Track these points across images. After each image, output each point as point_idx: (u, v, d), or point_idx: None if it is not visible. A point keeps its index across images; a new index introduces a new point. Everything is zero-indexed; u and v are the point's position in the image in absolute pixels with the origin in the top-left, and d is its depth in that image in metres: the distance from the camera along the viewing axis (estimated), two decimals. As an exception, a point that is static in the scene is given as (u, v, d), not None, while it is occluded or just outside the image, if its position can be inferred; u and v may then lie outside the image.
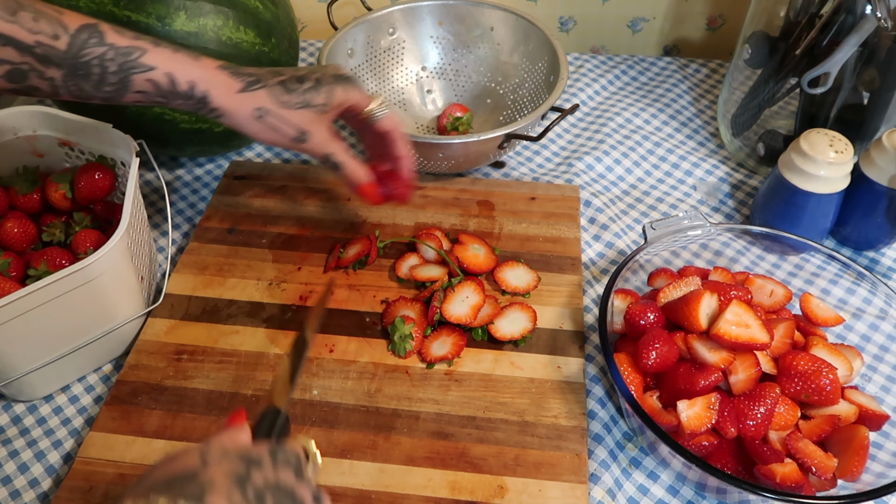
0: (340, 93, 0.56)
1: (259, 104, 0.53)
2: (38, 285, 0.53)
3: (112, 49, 0.48)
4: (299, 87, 0.54)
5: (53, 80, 0.47)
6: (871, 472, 0.51)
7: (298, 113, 0.54)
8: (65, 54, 0.47)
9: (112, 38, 0.48)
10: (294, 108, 0.54)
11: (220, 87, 0.52)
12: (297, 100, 0.54)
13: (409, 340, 0.62)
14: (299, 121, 0.54)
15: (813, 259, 0.65)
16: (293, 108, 0.54)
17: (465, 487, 0.54)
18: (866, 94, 0.73)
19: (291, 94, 0.54)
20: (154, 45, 0.50)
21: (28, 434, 0.60)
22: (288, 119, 0.54)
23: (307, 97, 0.54)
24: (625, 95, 0.94)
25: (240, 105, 0.52)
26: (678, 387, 0.53)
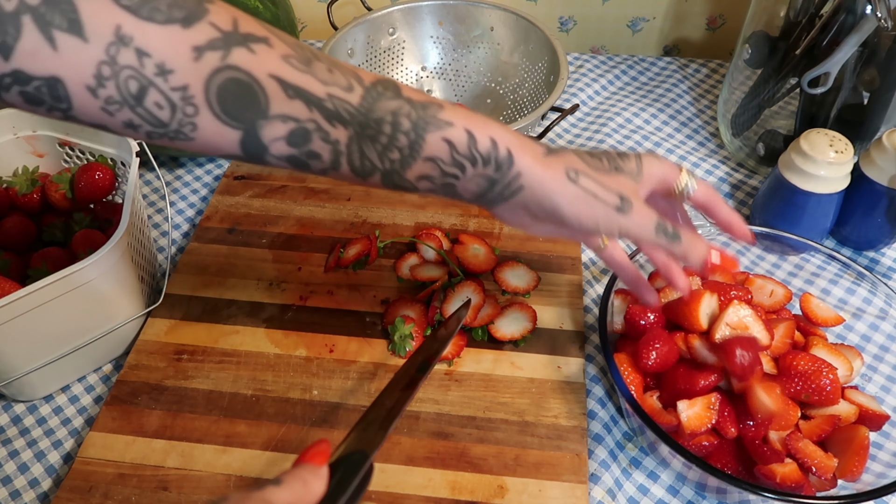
0: (654, 162, 0.47)
1: (571, 165, 0.43)
2: (38, 285, 0.53)
3: (408, 104, 0.41)
4: (603, 156, 0.46)
5: (337, 143, 0.40)
6: (871, 472, 0.51)
7: (615, 177, 0.44)
8: (356, 109, 0.39)
9: (408, 92, 0.41)
10: (608, 172, 0.44)
11: (524, 147, 0.43)
12: (606, 165, 0.45)
13: (409, 340, 0.62)
14: (618, 185, 0.44)
15: (813, 259, 0.65)
16: (607, 171, 0.44)
17: (465, 487, 0.54)
18: (866, 94, 0.73)
19: (599, 159, 0.45)
20: (448, 103, 0.42)
21: (28, 434, 0.60)
22: (606, 182, 0.44)
23: (617, 163, 0.45)
24: (625, 95, 0.94)
25: (548, 166, 0.43)
26: (678, 387, 0.53)
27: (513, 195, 0.44)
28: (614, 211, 0.43)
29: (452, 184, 0.43)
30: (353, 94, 0.39)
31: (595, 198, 0.43)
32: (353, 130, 0.40)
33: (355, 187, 0.78)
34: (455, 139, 0.41)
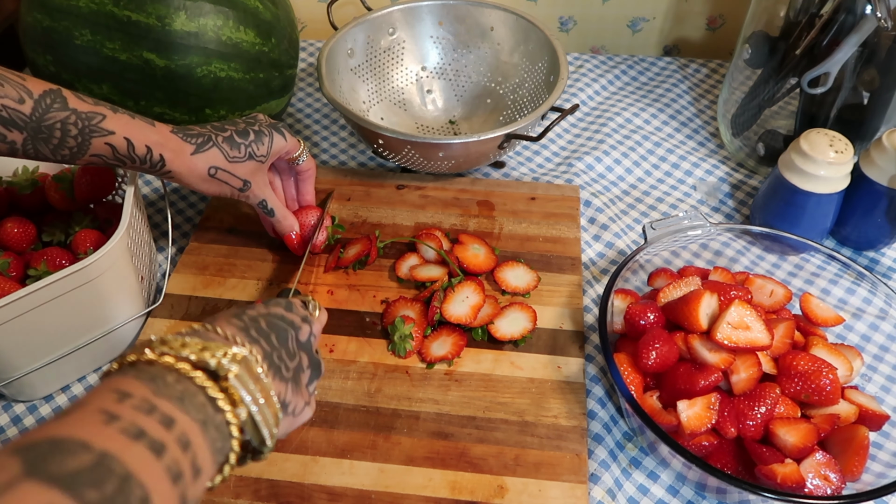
0: (279, 142, 0.62)
1: (213, 163, 0.57)
2: (38, 285, 0.53)
3: (74, 114, 0.50)
4: (244, 141, 0.59)
5: (14, 143, 0.49)
6: (871, 472, 0.51)
7: (244, 165, 0.59)
8: (28, 118, 0.48)
9: (74, 103, 0.50)
10: (241, 162, 0.59)
11: (175, 151, 0.55)
12: (243, 152, 0.59)
13: (409, 340, 0.62)
14: (244, 172, 0.60)
15: (813, 259, 0.65)
16: (240, 161, 0.59)
17: (465, 487, 0.54)
18: (866, 94, 0.73)
19: (238, 148, 0.58)
20: (113, 112, 0.52)
21: (28, 434, 0.60)
22: (235, 172, 0.59)
23: (252, 149, 0.59)
24: (625, 95, 0.94)
25: (194, 166, 0.56)
26: (678, 387, 0.53)
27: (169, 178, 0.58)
28: (237, 190, 0.61)
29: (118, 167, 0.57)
30: (25, 105, 0.48)
31: (226, 184, 0.60)
32: (27, 134, 0.49)
33: (355, 187, 0.78)
34: (116, 144, 0.52)
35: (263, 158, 0.61)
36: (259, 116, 0.63)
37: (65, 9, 0.67)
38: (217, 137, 0.58)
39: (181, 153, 0.55)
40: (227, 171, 0.58)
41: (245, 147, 0.59)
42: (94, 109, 0.51)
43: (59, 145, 0.50)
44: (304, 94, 0.96)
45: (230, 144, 0.58)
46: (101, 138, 0.51)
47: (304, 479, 0.55)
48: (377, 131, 0.71)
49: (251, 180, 0.61)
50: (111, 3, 0.66)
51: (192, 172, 0.57)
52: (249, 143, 0.59)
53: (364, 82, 0.86)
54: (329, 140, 0.89)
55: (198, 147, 0.56)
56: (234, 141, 0.58)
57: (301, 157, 0.66)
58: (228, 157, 0.58)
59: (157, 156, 0.54)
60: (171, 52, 0.68)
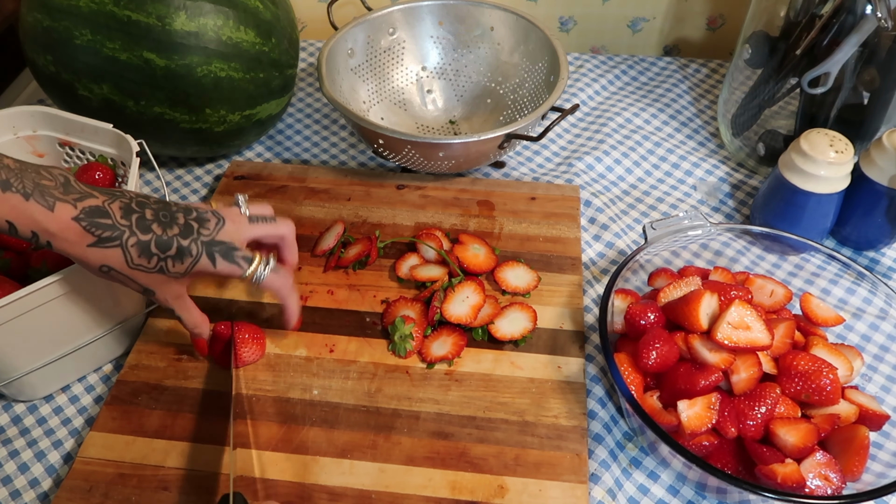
0: (205, 265, 0.52)
1: (108, 262, 0.49)
2: (38, 285, 0.53)
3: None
4: (160, 253, 0.50)
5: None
6: (872, 472, 0.51)
7: (149, 276, 0.51)
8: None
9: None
10: (145, 272, 0.50)
11: (67, 241, 0.48)
12: (152, 265, 0.50)
13: (409, 340, 0.62)
14: (147, 281, 0.51)
15: (813, 259, 0.65)
16: (145, 271, 0.50)
17: (466, 487, 0.54)
18: (866, 94, 0.73)
19: (149, 258, 0.50)
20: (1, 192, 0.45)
21: (28, 434, 0.60)
22: (135, 278, 0.51)
23: (165, 264, 0.51)
24: (625, 95, 0.94)
25: (87, 258, 0.49)
26: (678, 387, 0.53)
27: None
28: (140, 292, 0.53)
29: None
30: None
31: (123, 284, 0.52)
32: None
33: (355, 187, 0.78)
34: None
35: (178, 275, 0.52)
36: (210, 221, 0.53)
37: (65, 9, 0.67)
38: (128, 239, 0.49)
39: (76, 244, 0.48)
40: (124, 275, 0.50)
41: (158, 259, 0.50)
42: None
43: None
44: (304, 94, 0.96)
45: (140, 250, 0.49)
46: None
47: (304, 479, 0.55)
48: (377, 131, 0.71)
49: (156, 290, 0.52)
50: (111, 2, 0.66)
51: (85, 263, 0.50)
52: (166, 256, 0.50)
53: (364, 82, 0.86)
54: (329, 140, 0.89)
55: (99, 241, 0.48)
56: (149, 250, 0.50)
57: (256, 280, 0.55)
58: (131, 264, 0.50)
59: (45, 241, 0.48)
60: (171, 52, 0.68)
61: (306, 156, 0.86)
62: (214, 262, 0.52)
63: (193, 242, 0.51)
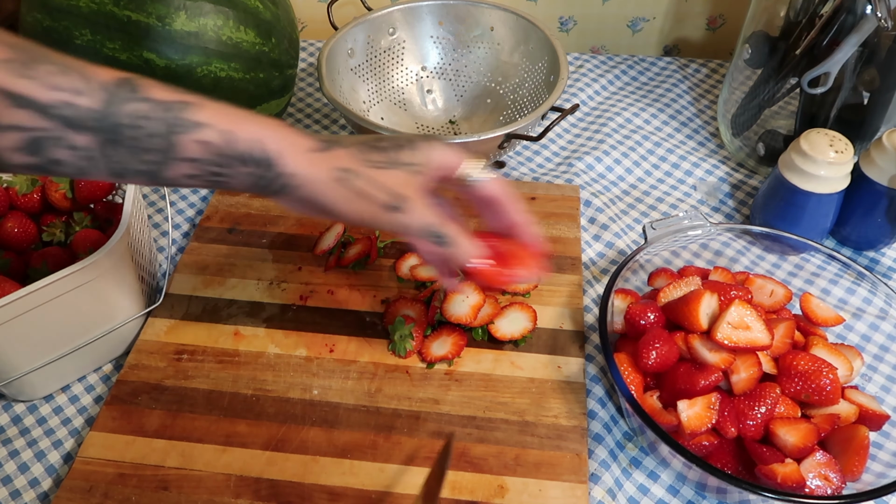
0: (437, 153, 0.45)
1: (343, 164, 0.42)
2: (38, 285, 0.53)
3: (152, 104, 0.38)
4: (384, 145, 0.44)
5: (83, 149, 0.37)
6: (872, 472, 0.51)
7: (390, 173, 0.43)
8: (97, 114, 0.37)
9: (152, 90, 0.38)
10: (383, 168, 0.43)
11: (291, 146, 0.41)
12: (384, 158, 0.43)
13: (409, 340, 0.62)
14: (393, 183, 0.43)
15: (813, 259, 0.65)
16: (383, 167, 0.43)
17: (466, 487, 0.54)
18: (866, 94, 0.73)
19: (378, 152, 0.43)
20: (206, 100, 0.40)
21: (28, 434, 0.60)
22: (378, 180, 0.42)
23: (398, 156, 0.43)
24: (625, 95, 0.94)
25: (317, 167, 0.41)
26: (678, 387, 0.53)
27: (283, 192, 0.42)
28: (383, 209, 0.43)
29: (219, 181, 0.41)
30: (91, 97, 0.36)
31: (365, 197, 0.43)
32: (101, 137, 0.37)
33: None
34: (211, 140, 0.39)
35: (416, 168, 0.44)
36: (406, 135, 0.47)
37: (65, 9, 0.67)
38: (347, 140, 0.44)
39: (300, 150, 0.41)
40: (365, 178, 0.42)
41: (387, 152, 0.43)
42: (179, 99, 0.39)
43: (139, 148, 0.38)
44: (304, 94, 0.96)
45: (368, 146, 0.43)
46: (190, 134, 0.39)
47: (304, 478, 0.55)
48: (377, 131, 0.71)
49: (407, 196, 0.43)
50: (111, 3, 0.66)
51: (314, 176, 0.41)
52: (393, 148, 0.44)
53: (364, 82, 0.86)
54: (329, 140, 0.88)
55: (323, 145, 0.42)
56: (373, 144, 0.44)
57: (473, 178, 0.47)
58: (365, 160, 0.42)
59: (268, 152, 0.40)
60: (171, 52, 0.68)
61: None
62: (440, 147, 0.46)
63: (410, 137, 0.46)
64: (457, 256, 0.47)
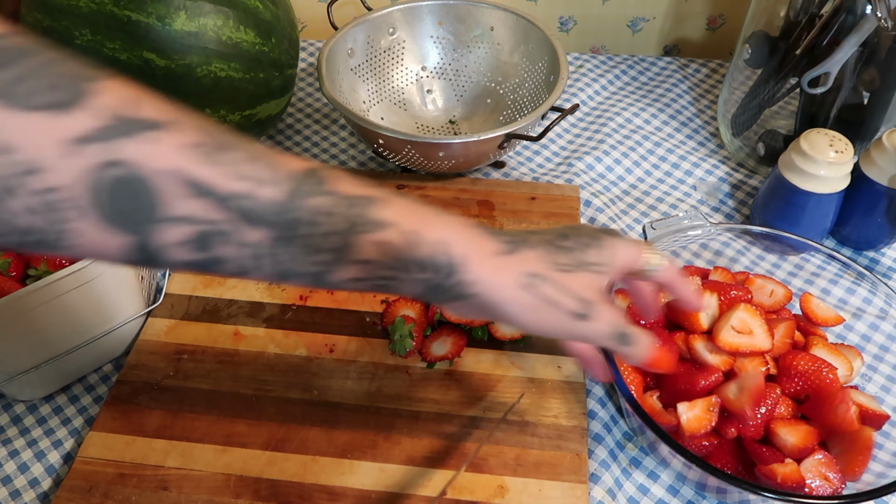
0: (622, 250, 0.41)
1: (530, 268, 0.37)
2: (38, 285, 0.53)
3: (336, 198, 0.33)
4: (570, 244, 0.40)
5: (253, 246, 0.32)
6: (872, 472, 0.51)
7: (577, 277, 0.39)
8: (279, 207, 0.32)
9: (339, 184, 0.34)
10: (571, 271, 0.39)
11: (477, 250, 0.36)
12: (572, 260, 0.39)
13: (409, 340, 0.62)
14: (580, 287, 0.39)
15: (813, 259, 0.65)
16: (571, 270, 0.39)
17: (466, 487, 0.54)
18: (866, 94, 0.73)
19: (565, 253, 0.39)
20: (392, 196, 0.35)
21: (28, 434, 0.60)
22: (566, 285, 0.38)
23: (585, 257, 0.39)
24: (625, 95, 0.94)
25: (501, 272, 0.37)
26: (678, 387, 0.53)
27: (459, 299, 0.37)
28: (572, 318, 0.39)
29: (388, 285, 0.36)
30: (276, 188, 0.32)
31: (553, 306, 0.38)
32: (276, 231, 0.32)
33: (355, 187, 0.78)
34: (392, 241, 0.34)
35: (602, 269, 0.40)
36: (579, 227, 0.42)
37: (65, 9, 0.67)
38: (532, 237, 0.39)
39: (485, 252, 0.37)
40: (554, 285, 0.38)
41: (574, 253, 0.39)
42: (365, 193, 0.34)
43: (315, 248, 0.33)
44: (304, 94, 0.96)
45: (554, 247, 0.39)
46: (371, 234, 0.34)
47: (304, 478, 0.55)
48: (377, 131, 0.71)
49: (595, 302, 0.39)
50: (111, 3, 0.66)
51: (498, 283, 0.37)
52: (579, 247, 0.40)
53: (364, 82, 0.86)
54: (329, 140, 0.89)
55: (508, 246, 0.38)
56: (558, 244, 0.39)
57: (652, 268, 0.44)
58: (554, 263, 0.38)
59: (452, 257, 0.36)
60: (171, 52, 0.68)
61: (306, 156, 0.86)
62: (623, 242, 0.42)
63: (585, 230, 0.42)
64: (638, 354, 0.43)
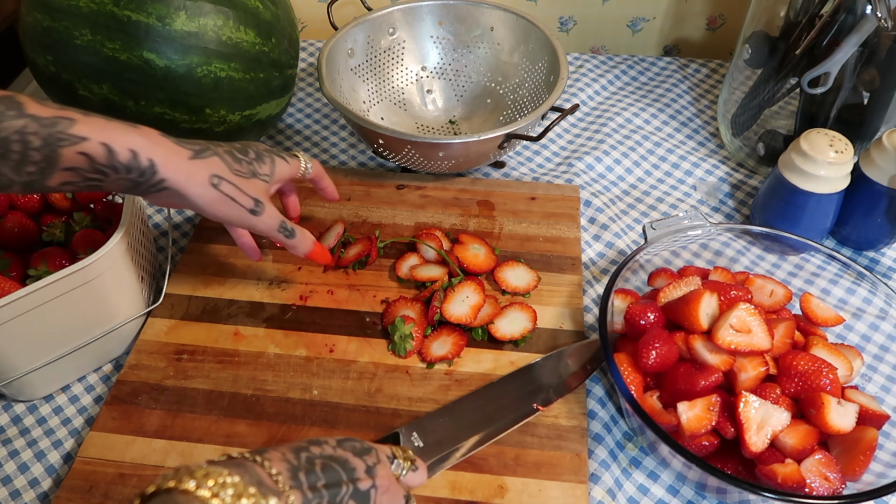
0: (282, 166, 0.57)
1: (215, 171, 0.49)
2: (38, 285, 0.53)
3: (34, 120, 0.42)
4: (245, 157, 0.53)
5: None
6: (872, 472, 0.51)
7: (252, 182, 0.52)
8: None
9: (33, 108, 0.42)
10: (246, 178, 0.52)
11: (168, 155, 0.47)
12: (246, 169, 0.52)
13: (409, 340, 0.62)
14: (254, 190, 0.52)
15: (813, 259, 0.65)
16: (245, 177, 0.52)
17: (465, 487, 0.54)
18: (866, 94, 0.73)
19: (241, 163, 0.52)
20: (84, 115, 0.44)
21: (28, 434, 0.60)
22: (244, 187, 0.51)
23: (254, 167, 0.53)
24: (625, 95, 0.94)
25: (193, 173, 0.48)
26: (678, 387, 0.53)
27: (157, 192, 0.48)
28: (248, 212, 0.52)
29: (96, 185, 0.46)
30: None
31: (233, 201, 0.51)
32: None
33: (355, 187, 0.78)
34: (92, 152, 0.44)
35: (267, 178, 0.54)
36: (253, 144, 0.57)
37: (65, 9, 0.67)
38: (218, 148, 0.51)
39: (175, 157, 0.47)
40: (234, 185, 0.50)
41: (247, 164, 0.52)
42: (58, 114, 0.43)
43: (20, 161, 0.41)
44: (304, 94, 0.96)
45: (232, 157, 0.51)
46: (72, 147, 0.43)
47: (304, 479, 0.55)
48: (377, 131, 0.71)
49: (263, 202, 0.53)
50: (111, 3, 0.66)
51: (190, 180, 0.48)
52: (251, 160, 0.53)
53: (364, 82, 0.86)
54: (329, 140, 0.89)
55: (196, 153, 0.48)
56: (235, 155, 0.51)
57: (307, 170, 0.61)
58: (233, 170, 0.50)
59: (146, 160, 0.45)
60: (171, 52, 0.68)
61: (307, 156, 0.86)
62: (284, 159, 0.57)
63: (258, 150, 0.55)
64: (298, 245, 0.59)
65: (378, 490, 0.40)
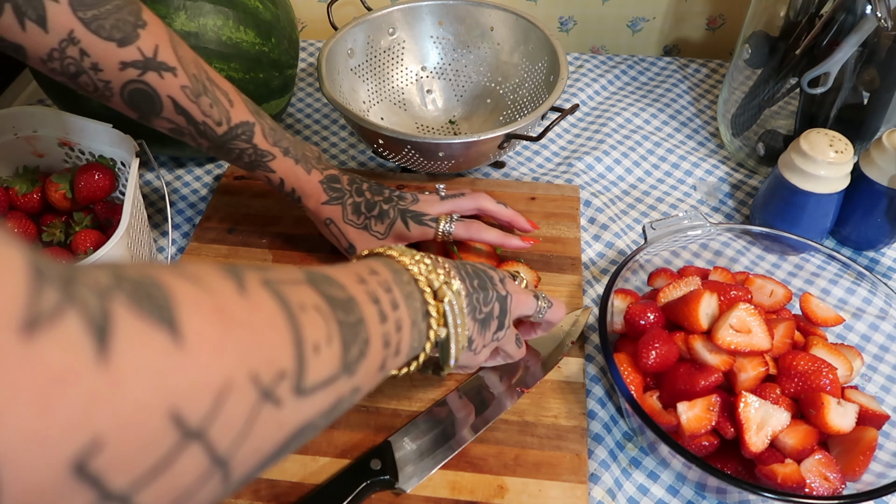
0: (400, 229, 0.64)
1: (330, 216, 0.64)
2: (38, 285, 0.53)
3: (253, 149, 0.60)
4: (367, 213, 0.64)
5: (201, 145, 0.59)
6: (872, 472, 0.51)
7: (356, 231, 0.65)
8: (219, 138, 0.57)
9: (258, 139, 0.59)
10: (353, 227, 0.64)
11: (312, 198, 0.64)
12: (359, 222, 0.64)
13: (409, 340, 0.62)
14: (353, 237, 0.65)
15: (813, 259, 0.65)
16: (353, 226, 0.64)
17: (465, 487, 0.54)
18: (866, 94, 0.73)
19: (358, 216, 0.64)
20: (283, 154, 0.61)
21: (28, 434, 0.60)
22: (345, 232, 0.65)
23: (369, 223, 0.64)
24: (625, 95, 0.94)
25: (319, 213, 0.65)
26: (678, 387, 0.53)
27: None
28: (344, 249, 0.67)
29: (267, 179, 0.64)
30: (221, 128, 0.57)
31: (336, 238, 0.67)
32: (213, 145, 0.59)
33: (355, 187, 0.78)
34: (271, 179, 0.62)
35: (379, 235, 0.65)
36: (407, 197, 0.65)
37: (65, 9, 0.67)
38: (348, 199, 0.64)
39: (316, 200, 0.64)
40: (338, 229, 0.65)
41: (365, 218, 0.64)
42: (269, 149, 0.60)
43: (233, 160, 0.61)
44: (304, 94, 0.96)
45: (353, 209, 0.64)
46: (263, 171, 0.61)
47: (304, 479, 0.55)
48: (377, 131, 0.71)
49: (356, 245, 0.65)
50: (111, 3, 0.66)
51: (315, 216, 0.65)
52: (370, 216, 0.64)
53: (364, 82, 0.86)
54: (329, 140, 0.89)
55: (328, 200, 0.64)
56: (359, 209, 0.64)
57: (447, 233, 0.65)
58: (345, 220, 0.64)
59: (298, 196, 0.64)
60: (171, 52, 0.68)
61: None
62: (407, 225, 0.64)
63: (392, 208, 0.64)
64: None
65: (511, 297, 0.51)
